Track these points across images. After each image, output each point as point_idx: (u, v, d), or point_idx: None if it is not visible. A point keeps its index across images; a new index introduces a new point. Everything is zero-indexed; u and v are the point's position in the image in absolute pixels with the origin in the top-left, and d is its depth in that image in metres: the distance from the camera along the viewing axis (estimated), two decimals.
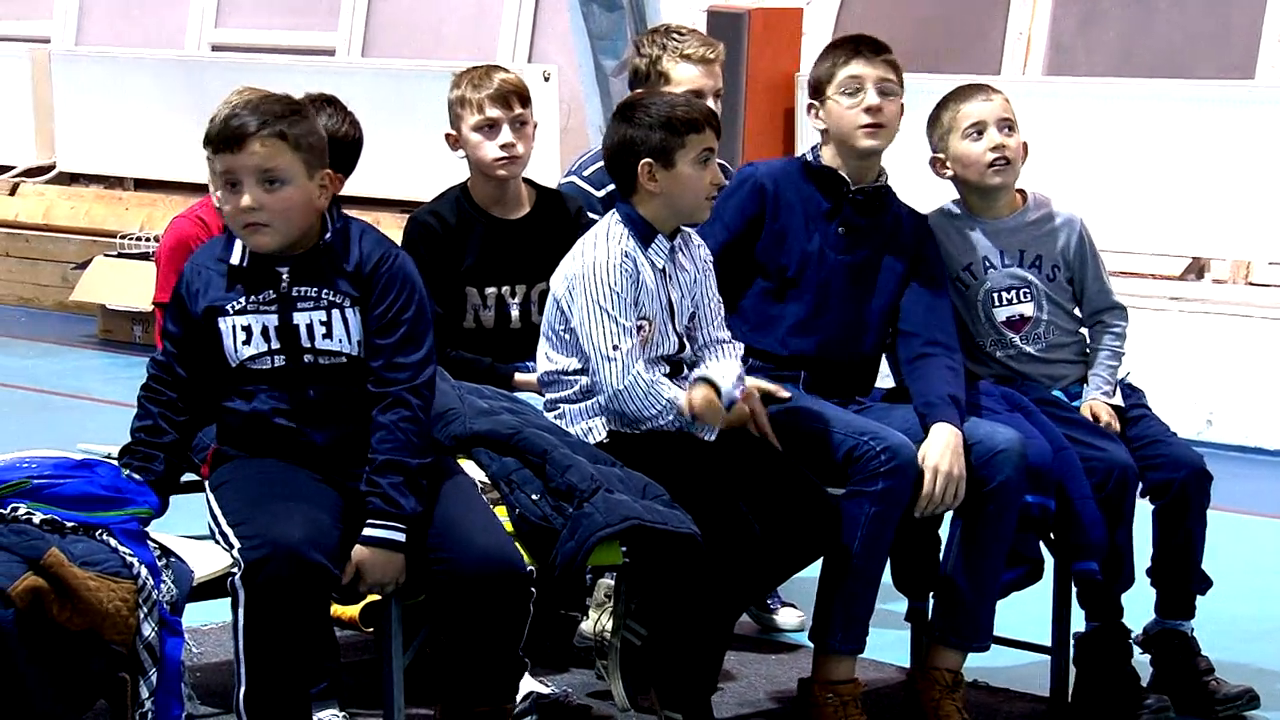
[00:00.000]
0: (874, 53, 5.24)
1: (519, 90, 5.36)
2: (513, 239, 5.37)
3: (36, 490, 4.23)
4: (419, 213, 5.42)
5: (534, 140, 5.43)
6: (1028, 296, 5.41)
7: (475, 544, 4.39)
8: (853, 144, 5.22)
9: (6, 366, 10.55)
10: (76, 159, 13.00)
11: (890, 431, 5.01)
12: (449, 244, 5.33)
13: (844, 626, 5.05)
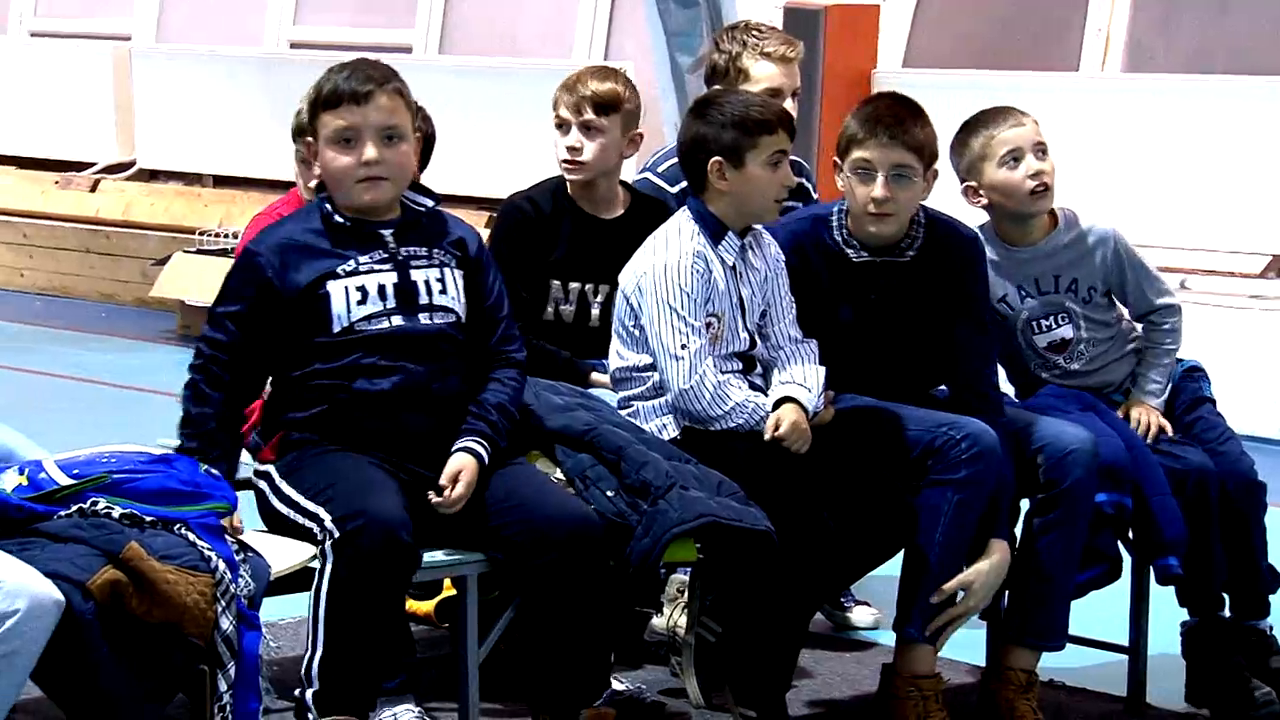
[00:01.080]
0: (891, 136, 5.00)
1: (597, 99, 5.31)
2: (602, 238, 5.37)
3: (116, 485, 4.26)
4: (514, 196, 5.44)
5: (615, 150, 5.36)
6: (1065, 320, 5.36)
7: (549, 505, 4.50)
8: (861, 225, 5.09)
9: (87, 362, 10.63)
10: (156, 156, 13.09)
11: (968, 420, 4.98)
12: (539, 231, 5.34)
13: (924, 616, 5.04)
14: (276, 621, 5.27)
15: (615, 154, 5.36)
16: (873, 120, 5.04)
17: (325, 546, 4.28)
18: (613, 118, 5.32)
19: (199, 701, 4.11)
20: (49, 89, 13.42)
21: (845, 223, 5.13)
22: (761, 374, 5.08)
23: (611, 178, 5.41)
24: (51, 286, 12.98)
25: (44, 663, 3.93)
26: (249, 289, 4.51)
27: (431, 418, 4.53)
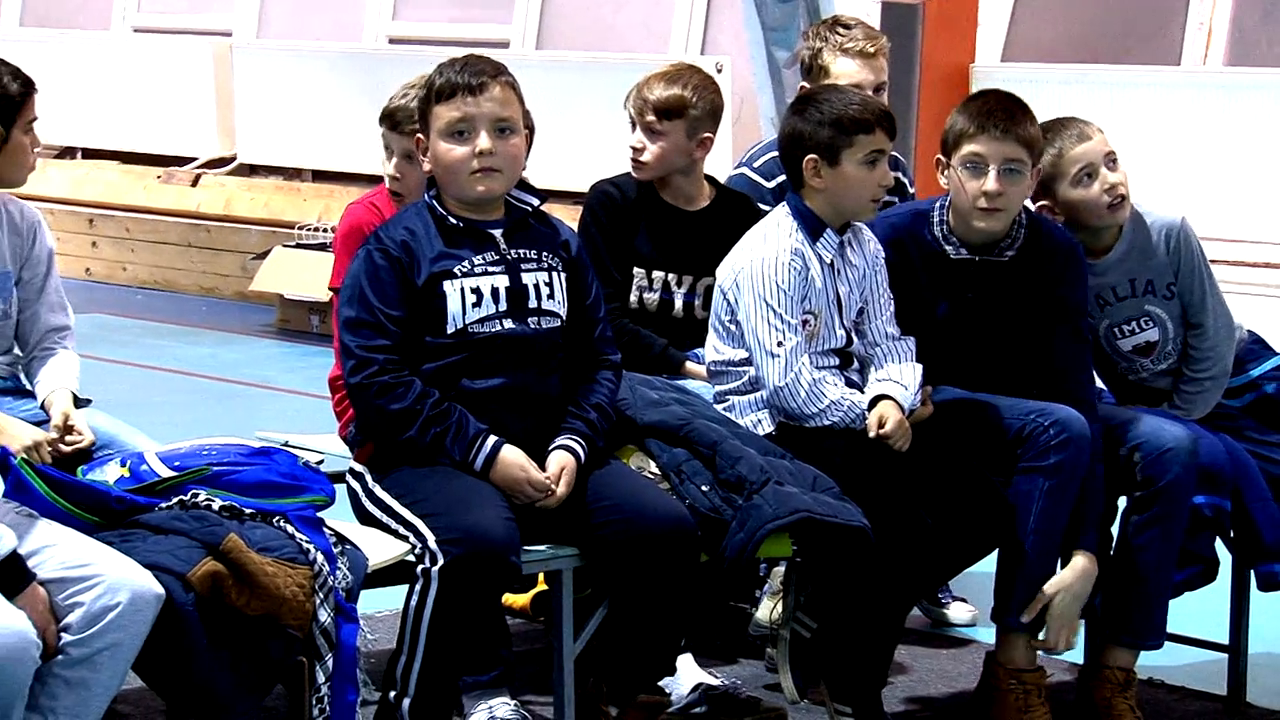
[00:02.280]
0: (1003, 130, 4.98)
1: (657, 105, 5.30)
2: (687, 229, 5.38)
3: (216, 477, 4.30)
4: (602, 181, 5.47)
5: (677, 153, 5.32)
6: (1149, 324, 5.31)
7: (644, 503, 4.50)
8: (969, 221, 5.08)
9: (188, 355, 10.72)
10: (256, 151, 13.18)
11: (1057, 406, 4.95)
12: (625, 217, 5.37)
13: (1021, 605, 5.01)
14: (373, 614, 5.30)
15: (678, 156, 5.36)
16: (984, 114, 5.02)
17: (431, 571, 4.28)
18: (674, 123, 5.31)
19: (297, 693, 4.14)
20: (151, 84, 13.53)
21: (946, 219, 5.11)
22: (858, 370, 5.07)
23: (688, 173, 5.41)
24: (153, 280, 13.09)
25: (145, 654, 3.96)
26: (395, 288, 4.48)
27: (530, 418, 4.54)
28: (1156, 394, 5.35)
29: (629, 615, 4.56)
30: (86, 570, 3.90)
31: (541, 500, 4.47)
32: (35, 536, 3.97)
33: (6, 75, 4.76)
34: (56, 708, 3.89)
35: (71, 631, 3.87)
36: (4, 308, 4.98)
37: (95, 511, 4.16)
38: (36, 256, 5.03)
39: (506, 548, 4.30)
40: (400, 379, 4.43)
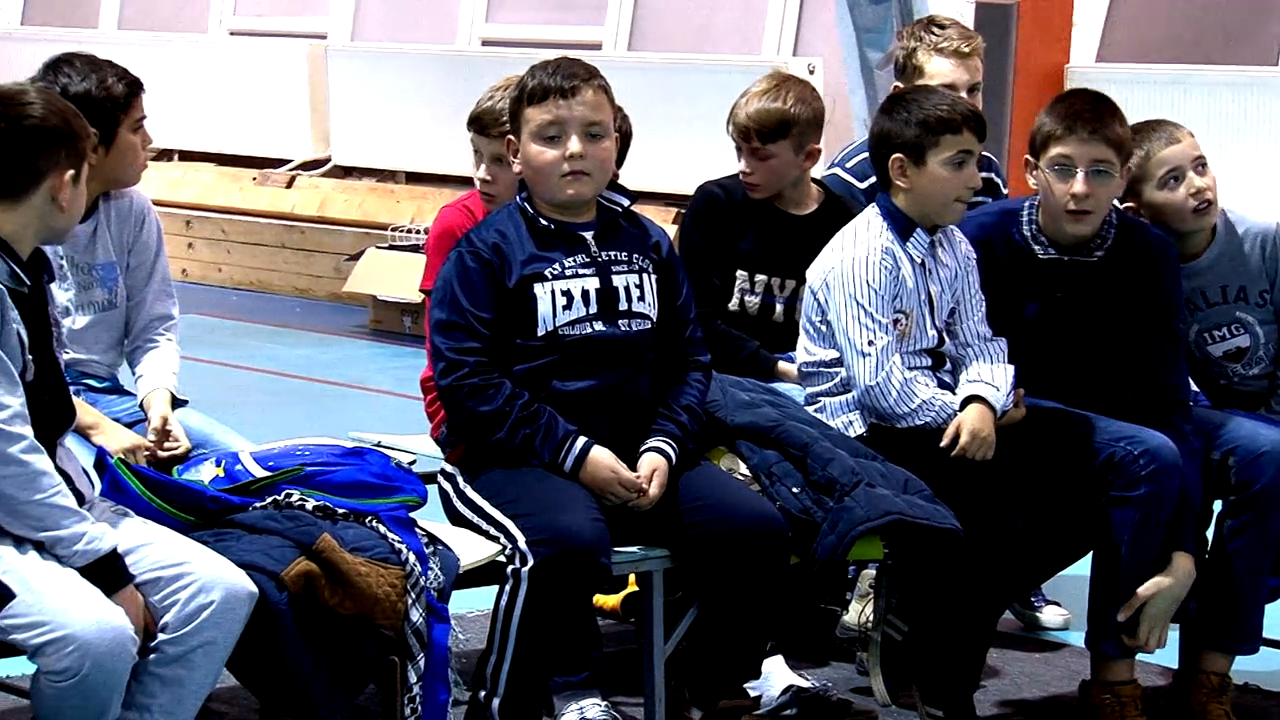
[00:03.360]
0: (1091, 131, 4.94)
1: (762, 129, 5.26)
2: (791, 233, 5.36)
3: (309, 477, 4.33)
4: (708, 182, 5.46)
5: (788, 168, 5.30)
6: (1240, 330, 5.24)
7: (735, 504, 4.50)
8: (1058, 223, 5.04)
9: (282, 356, 10.79)
10: (351, 152, 13.24)
11: (1149, 434, 4.91)
12: (730, 219, 5.36)
13: (1116, 632, 4.98)
14: (464, 614, 5.32)
15: (789, 172, 5.34)
16: (1072, 116, 4.98)
17: (521, 571, 4.30)
18: (780, 144, 5.28)
19: (389, 692, 4.16)
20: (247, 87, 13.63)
21: (1036, 218, 5.08)
22: (950, 370, 5.05)
23: (799, 181, 5.40)
24: (248, 281, 13.18)
25: (239, 652, 3.99)
26: (486, 290, 4.49)
27: (621, 420, 4.55)
28: (1252, 397, 5.30)
29: (718, 617, 4.56)
30: (181, 569, 3.93)
31: (633, 501, 4.48)
32: (131, 535, 4.00)
33: (112, 76, 4.79)
34: (152, 705, 3.92)
35: (167, 630, 3.91)
36: (109, 298, 5.00)
37: (190, 511, 4.19)
38: (144, 243, 5.06)
39: (596, 549, 4.30)
40: (490, 381, 4.45)
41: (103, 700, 3.80)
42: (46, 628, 3.75)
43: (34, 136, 3.94)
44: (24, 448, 3.82)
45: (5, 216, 3.95)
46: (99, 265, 4.97)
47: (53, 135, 3.96)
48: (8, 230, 3.95)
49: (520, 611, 4.29)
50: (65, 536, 3.85)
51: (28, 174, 3.95)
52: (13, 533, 3.87)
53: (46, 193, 3.97)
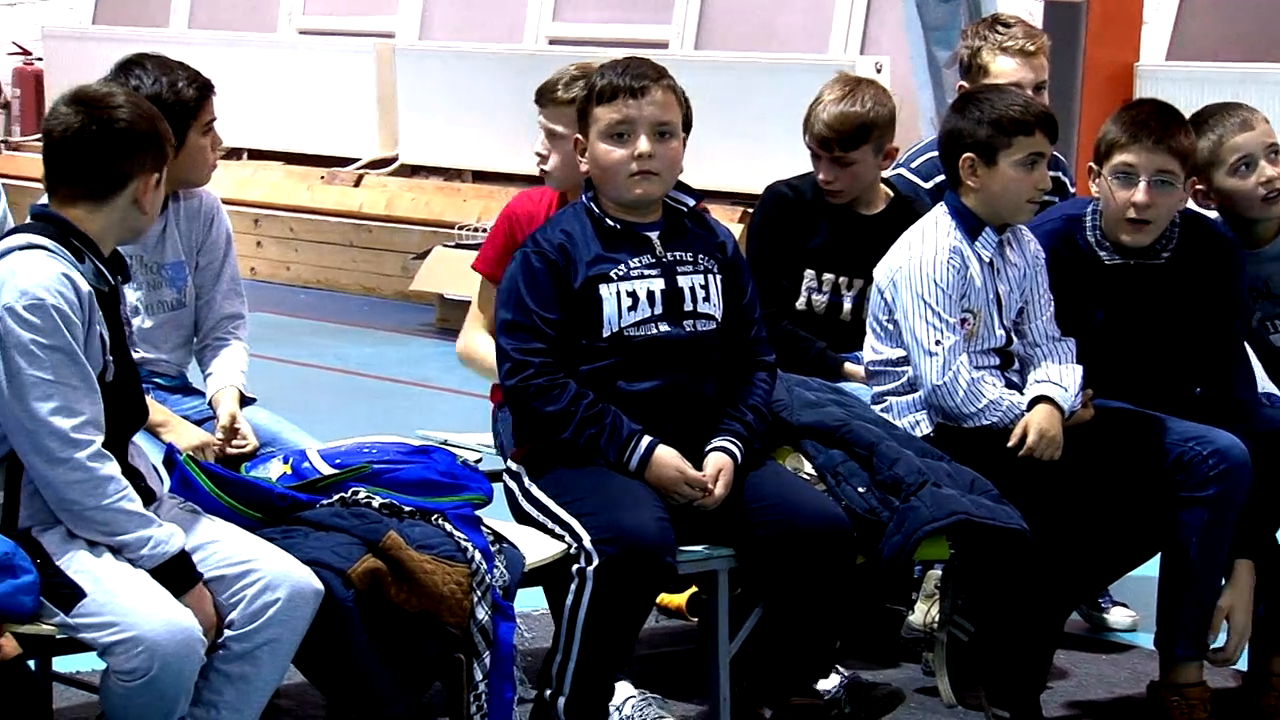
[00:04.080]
0: (1156, 140, 4.92)
1: (841, 135, 5.26)
2: (861, 232, 5.36)
3: (376, 475, 4.34)
4: (776, 182, 5.47)
5: (869, 171, 5.32)
6: None
7: (800, 504, 4.50)
8: (1116, 231, 5.02)
9: (349, 354, 10.83)
10: (418, 151, 13.28)
11: (1219, 433, 4.88)
12: (799, 218, 5.36)
13: (1186, 633, 4.96)
14: (530, 612, 5.33)
15: (870, 174, 5.35)
16: (1138, 125, 4.96)
17: (587, 570, 4.30)
18: (862, 149, 5.28)
19: (455, 690, 4.17)
20: (315, 86, 13.68)
21: (1099, 224, 5.06)
22: (1018, 370, 5.03)
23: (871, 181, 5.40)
24: (316, 280, 13.23)
25: (305, 649, 4.01)
26: (552, 291, 4.50)
27: (686, 420, 4.54)
28: None
29: (784, 616, 4.55)
30: (248, 566, 3.95)
31: (698, 501, 4.47)
32: (199, 533, 4.03)
33: (183, 80, 4.81)
34: (219, 702, 3.94)
35: (233, 627, 3.92)
36: (178, 297, 5.02)
37: (258, 508, 4.21)
38: (213, 242, 5.08)
39: (661, 548, 4.31)
40: (555, 381, 4.45)
41: (171, 700, 3.83)
42: (116, 628, 3.78)
43: (123, 139, 3.97)
44: (91, 454, 3.84)
45: (90, 216, 3.98)
46: (168, 265, 4.99)
47: (141, 139, 3.99)
48: (92, 230, 3.98)
49: (586, 610, 4.30)
50: (131, 541, 3.87)
51: (115, 176, 3.98)
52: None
53: (131, 195, 4.00)
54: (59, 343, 3.84)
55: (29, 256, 3.90)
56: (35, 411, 3.82)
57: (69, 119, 3.97)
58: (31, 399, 3.82)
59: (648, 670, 5.09)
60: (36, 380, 3.82)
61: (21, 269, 3.87)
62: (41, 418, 3.82)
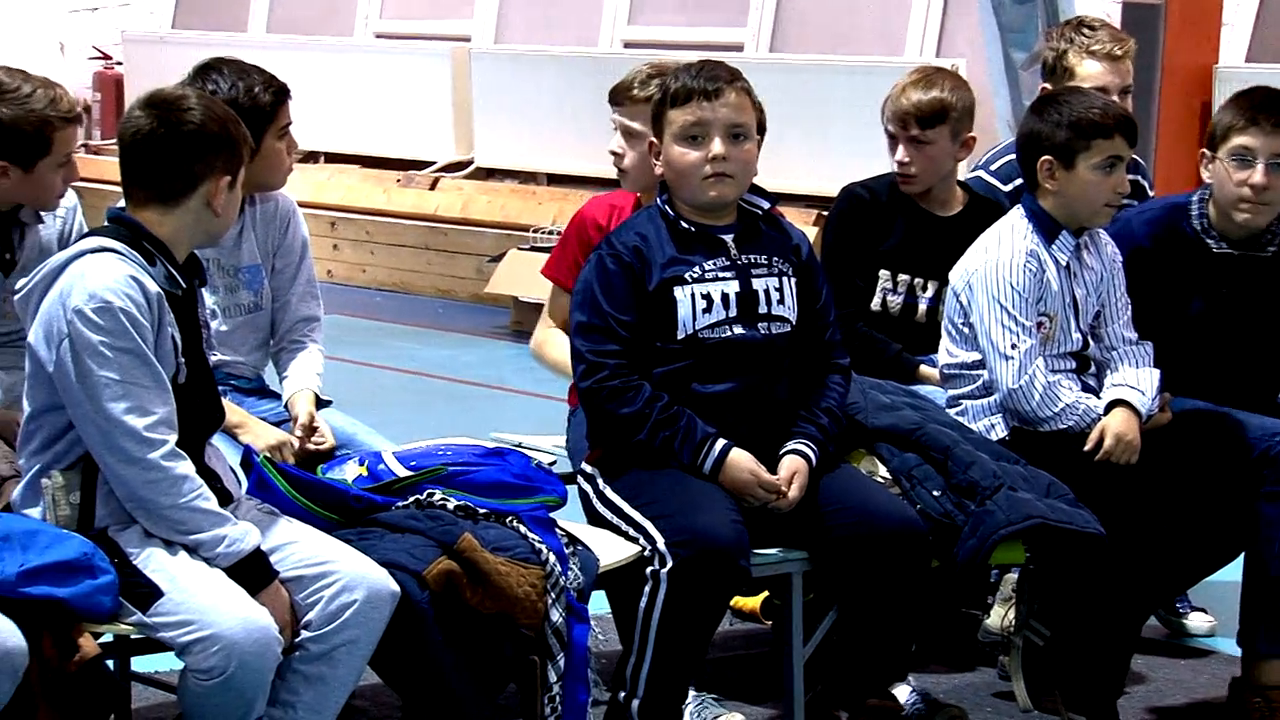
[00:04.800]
0: (1275, 124, 4.97)
1: (921, 113, 5.29)
2: (936, 234, 5.35)
3: (451, 477, 4.35)
4: (852, 184, 5.46)
5: (946, 158, 5.32)
6: None
7: (875, 507, 4.49)
8: (1231, 215, 5.03)
9: (424, 356, 10.86)
10: (493, 154, 13.32)
11: None
12: (875, 219, 5.35)
13: (1269, 629, 4.92)
14: (604, 614, 5.33)
15: (946, 162, 5.34)
16: (1256, 108, 5.01)
17: (661, 573, 4.30)
18: (939, 129, 5.28)
19: (529, 692, 4.18)
20: (391, 89, 13.74)
21: (1206, 212, 5.06)
22: (1095, 374, 5.00)
23: (947, 179, 5.39)
24: (391, 282, 13.28)
25: (382, 650, 4.02)
26: (626, 293, 4.50)
27: (759, 423, 4.54)
28: None
29: (859, 619, 4.55)
30: (326, 568, 3.97)
31: (772, 504, 4.47)
32: (277, 534, 4.05)
33: (259, 84, 4.82)
34: (296, 702, 3.96)
35: (310, 628, 3.94)
36: (255, 300, 5.05)
37: (334, 510, 4.23)
38: (289, 245, 5.09)
39: (735, 550, 4.30)
40: (629, 383, 4.46)
41: (248, 699, 3.85)
42: (193, 626, 3.80)
43: (193, 141, 3.99)
44: (164, 454, 3.87)
45: (162, 219, 4.01)
46: (244, 268, 5.02)
47: (211, 141, 4.01)
48: (164, 233, 4.01)
49: (660, 613, 4.30)
50: (206, 540, 3.89)
51: (185, 178, 4.00)
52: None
53: (203, 197, 4.02)
54: (128, 344, 3.86)
55: (98, 260, 3.93)
56: (109, 412, 3.85)
57: (141, 122, 4.00)
58: (104, 400, 3.84)
59: (721, 673, 5.09)
60: (108, 381, 3.85)
61: (90, 272, 3.90)
62: (115, 418, 3.85)
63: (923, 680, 5.09)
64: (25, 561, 3.78)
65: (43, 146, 4.57)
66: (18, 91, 4.55)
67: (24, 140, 4.55)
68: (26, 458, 4.01)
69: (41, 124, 4.55)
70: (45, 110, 4.55)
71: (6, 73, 4.60)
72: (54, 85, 4.62)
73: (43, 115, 4.55)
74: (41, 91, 4.56)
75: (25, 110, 4.54)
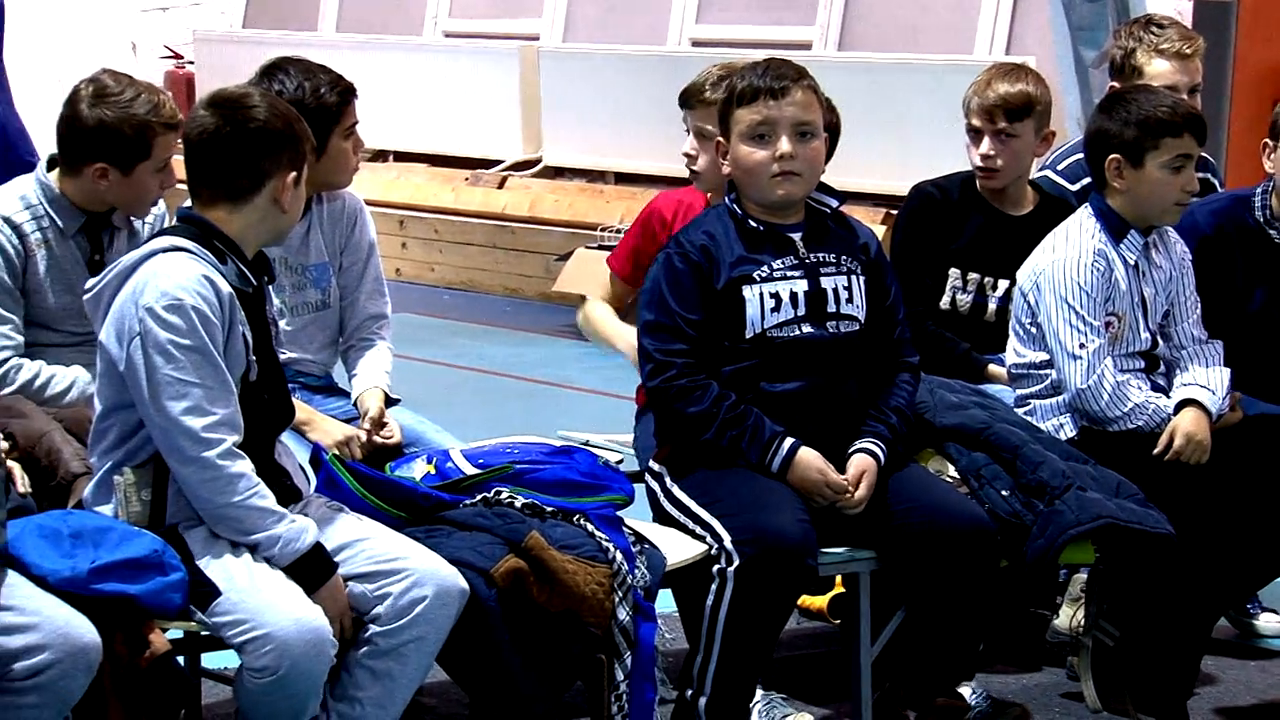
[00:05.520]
0: None
1: (1008, 104, 5.27)
2: (1007, 233, 5.34)
3: (519, 475, 4.37)
4: (923, 182, 5.45)
5: (1029, 152, 5.32)
6: None
7: (943, 506, 4.48)
8: None
9: (492, 355, 10.88)
10: (561, 153, 13.33)
11: None
12: (946, 217, 5.34)
13: None
14: (671, 613, 5.34)
15: (1029, 156, 5.33)
16: None
17: (728, 571, 4.31)
18: (1025, 123, 5.27)
19: (596, 690, 4.19)
20: (460, 88, 13.77)
21: (1269, 204, 5.05)
22: (1164, 373, 4.98)
23: (1021, 177, 5.38)
24: (459, 281, 13.31)
25: (449, 647, 4.04)
26: (694, 292, 4.50)
27: (827, 421, 4.53)
28: None
29: (927, 619, 4.54)
30: (396, 564, 3.99)
31: (841, 503, 4.46)
32: (347, 531, 4.07)
33: (325, 84, 4.85)
34: (363, 697, 3.98)
35: (379, 624, 3.96)
36: (323, 298, 5.07)
37: (403, 507, 4.25)
38: (356, 243, 5.12)
39: (802, 549, 4.30)
40: (697, 382, 4.46)
41: (300, 699, 3.87)
42: (248, 625, 3.83)
43: (258, 139, 4.02)
44: (221, 453, 3.89)
45: (230, 217, 4.03)
46: (312, 266, 5.04)
47: (276, 138, 4.03)
48: (233, 231, 4.03)
49: (726, 611, 4.30)
50: (263, 539, 3.91)
51: (252, 176, 4.03)
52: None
53: (269, 194, 4.05)
54: (196, 343, 3.89)
55: (171, 259, 3.96)
56: (168, 411, 3.87)
57: (206, 121, 4.03)
58: (165, 398, 3.87)
59: (789, 672, 5.09)
60: (171, 380, 3.87)
61: (163, 270, 3.93)
62: (174, 417, 3.87)
63: (990, 680, 5.07)
64: (97, 558, 3.81)
65: (143, 150, 4.62)
66: (121, 95, 4.61)
67: (124, 143, 4.60)
68: (98, 455, 4.04)
69: (142, 128, 4.60)
70: (147, 115, 4.61)
71: (112, 76, 4.67)
72: (157, 91, 4.69)
73: (144, 120, 4.60)
74: (144, 96, 4.62)
75: (127, 114, 4.59)
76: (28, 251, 4.67)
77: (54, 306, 4.70)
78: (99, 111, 4.59)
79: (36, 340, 4.69)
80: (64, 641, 3.64)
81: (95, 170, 4.63)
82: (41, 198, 4.70)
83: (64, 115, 4.65)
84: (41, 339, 4.71)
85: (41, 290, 4.69)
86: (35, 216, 4.70)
